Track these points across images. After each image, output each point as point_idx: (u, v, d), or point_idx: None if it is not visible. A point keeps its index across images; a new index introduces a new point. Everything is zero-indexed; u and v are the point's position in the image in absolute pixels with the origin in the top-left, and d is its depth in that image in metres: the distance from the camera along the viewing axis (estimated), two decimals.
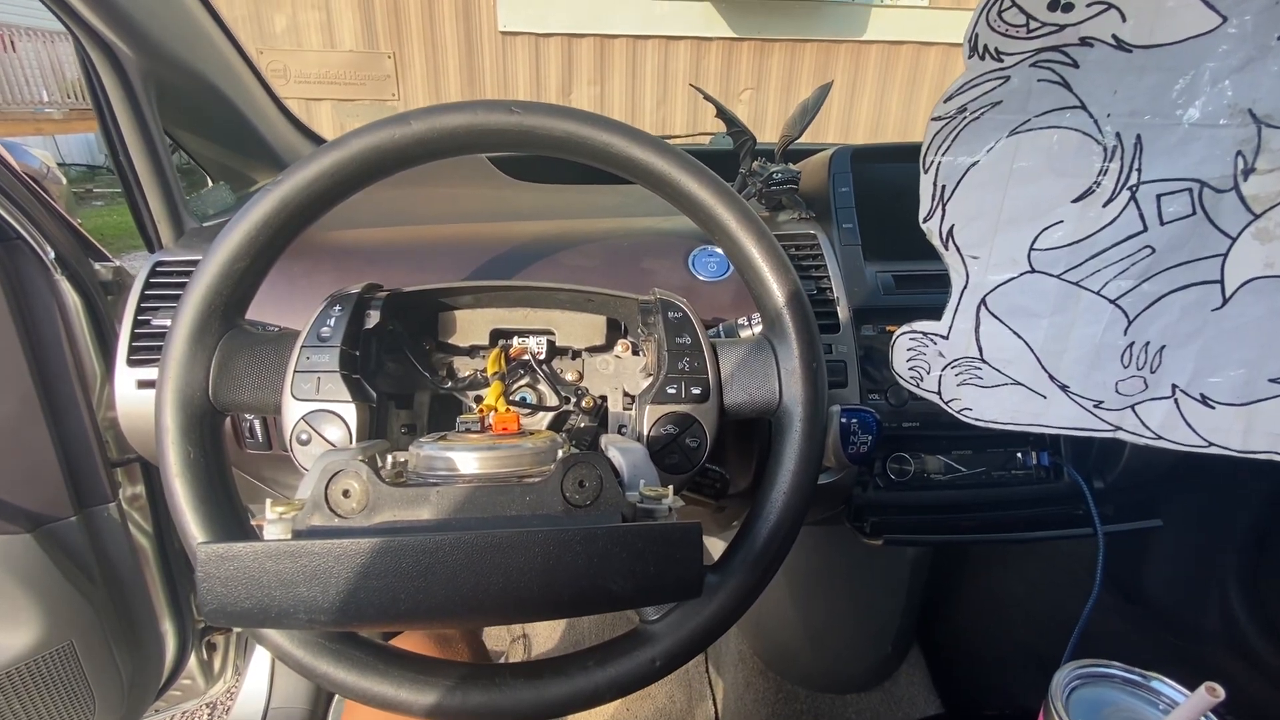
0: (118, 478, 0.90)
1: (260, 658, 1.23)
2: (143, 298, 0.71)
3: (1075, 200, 0.50)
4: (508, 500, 0.33)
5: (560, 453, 0.41)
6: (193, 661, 1.12)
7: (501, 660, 1.40)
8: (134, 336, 0.69)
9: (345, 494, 0.32)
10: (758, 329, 0.60)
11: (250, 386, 0.47)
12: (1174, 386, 0.54)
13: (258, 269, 0.48)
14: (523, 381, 0.60)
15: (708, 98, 0.87)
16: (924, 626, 1.28)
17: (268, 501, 0.33)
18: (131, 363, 0.69)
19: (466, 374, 0.61)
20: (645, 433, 0.48)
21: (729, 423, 0.51)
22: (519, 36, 3.28)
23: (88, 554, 0.90)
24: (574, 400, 0.60)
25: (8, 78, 6.55)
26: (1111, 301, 0.52)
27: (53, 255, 0.79)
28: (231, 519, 0.45)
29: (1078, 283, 0.52)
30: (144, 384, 0.68)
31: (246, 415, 0.69)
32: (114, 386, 0.70)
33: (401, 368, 0.58)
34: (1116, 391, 0.55)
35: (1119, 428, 0.56)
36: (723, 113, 0.86)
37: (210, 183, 1.04)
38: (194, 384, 0.45)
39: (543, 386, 0.61)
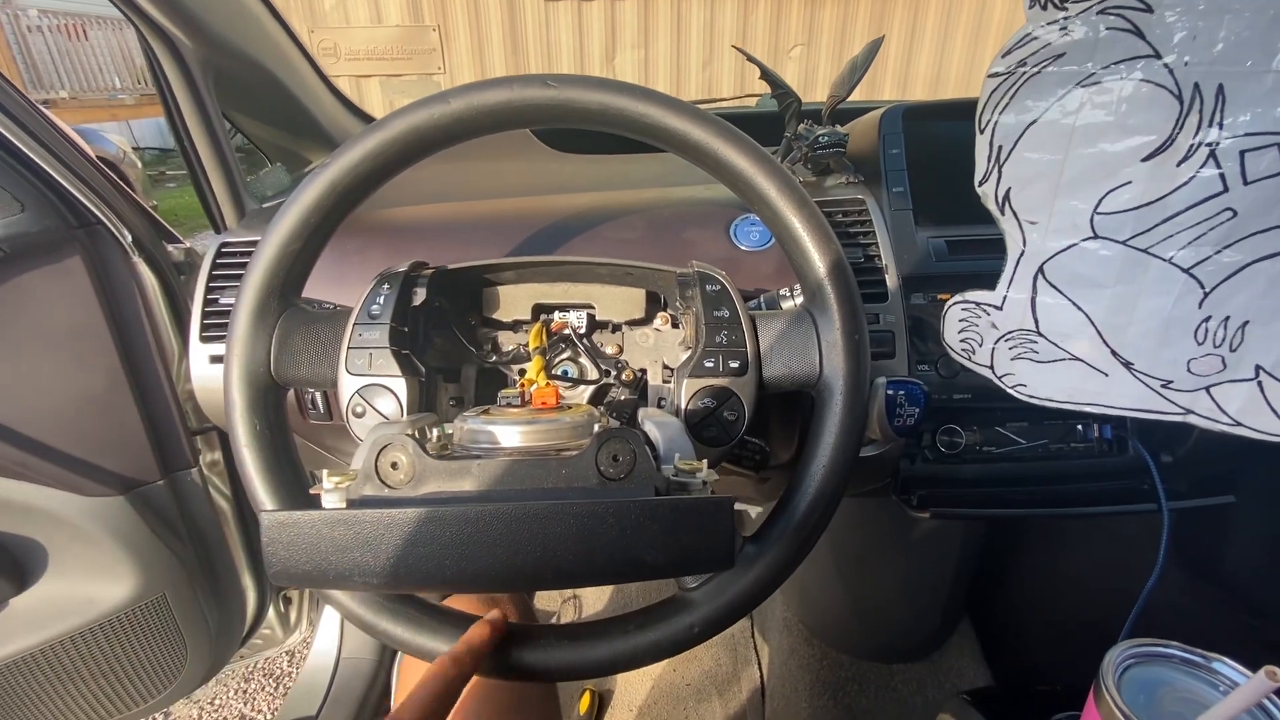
0: (198, 445, 0.97)
1: (332, 611, 1.32)
2: (210, 278, 0.75)
3: (1145, 159, 0.47)
4: (545, 473, 0.35)
5: (597, 426, 0.41)
6: (271, 614, 1.22)
7: (554, 619, 1.46)
8: (205, 314, 0.74)
9: (394, 466, 0.34)
10: (800, 300, 0.59)
11: (308, 363, 0.49)
12: (1258, 368, 0.50)
13: (311, 249, 0.50)
14: (564, 355, 0.62)
15: (751, 59, 0.84)
16: (975, 598, 1.26)
17: (324, 471, 0.36)
18: (204, 339, 0.73)
19: (510, 348, 0.62)
20: (683, 406, 0.48)
21: (770, 395, 0.51)
22: (561, 2, 3.23)
23: (175, 515, 0.97)
24: (614, 373, 0.61)
25: (82, 67, 6.91)
26: (1185, 271, 0.49)
27: (130, 238, 0.84)
28: (295, 485, 0.48)
29: (1146, 250, 0.49)
30: (215, 359, 0.73)
31: (307, 389, 0.73)
32: (189, 362, 0.74)
33: (448, 343, 0.60)
34: (1189, 371, 0.51)
35: (1190, 411, 0.52)
36: (767, 74, 0.83)
37: (269, 164, 1.08)
38: (257, 361, 0.48)
39: (583, 360, 0.62)
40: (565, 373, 0.61)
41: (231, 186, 0.86)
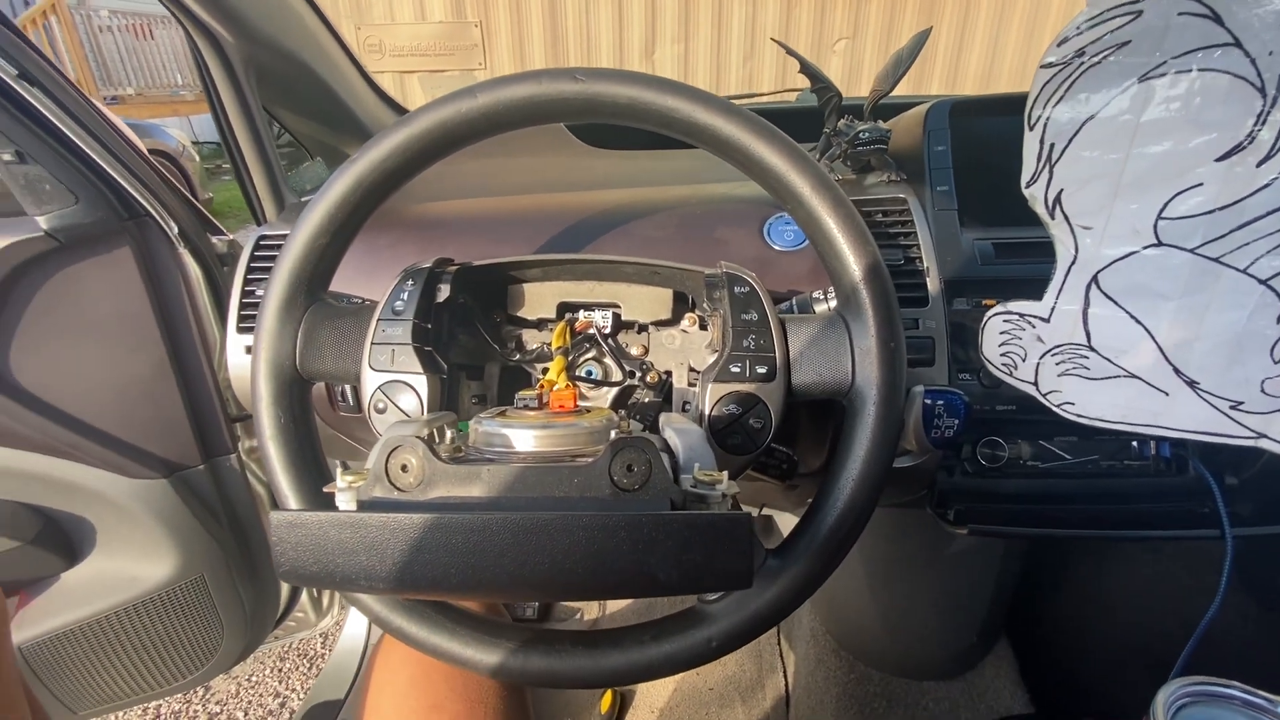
0: (237, 432, 1.00)
1: None
2: (248, 269, 0.77)
3: (1220, 158, 0.43)
4: (556, 481, 0.34)
5: (614, 432, 0.40)
6: (305, 597, 1.25)
7: (577, 616, 1.46)
8: (242, 306, 0.75)
9: (404, 468, 0.33)
10: (834, 303, 0.56)
11: (332, 357, 0.50)
12: None
13: (339, 244, 0.50)
14: (589, 355, 0.60)
15: (790, 52, 0.82)
16: (1015, 617, 1.20)
17: (338, 471, 0.35)
18: (240, 330, 0.75)
19: (534, 347, 0.61)
20: (707, 412, 0.47)
21: (800, 402, 0.49)
22: None
23: (214, 499, 1.01)
24: (639, 375, 0.60)
25: (148, 64, 7.24)
26: (1262, 282, 0.44)
27: (176, 230, 0.87)
28: (317, 479, 0.48)
29: (1218, 259, 0.45)
30: (251, 349, 0.74)
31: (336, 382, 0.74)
32: (226, 352, 0.76)
33: (473, 340, 0.60)
34: (1262, 391, 0.46)
35: (1262, 435, 0.48)
36: (806, 67, 0.80)
37: (310, 159, 1.11)
38: (283, 354, 0.49)
39: (608, 360, 0.61)
40: (589, 373, 0.60)
41: (271, 180, 0.88)
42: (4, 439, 0.87)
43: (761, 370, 0.47)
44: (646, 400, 0.59)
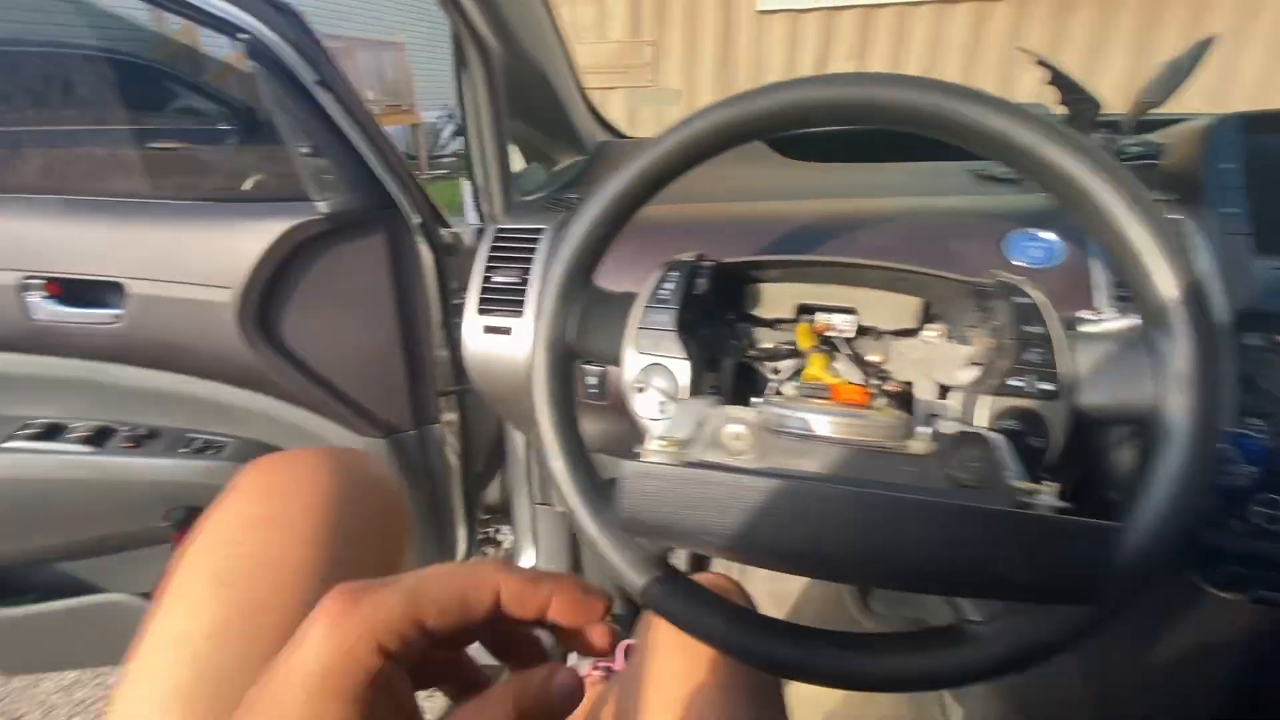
0: (440, 405, 1.10)
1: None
2: (489, 259, 0.84)
3: None
4: (889, 466, 0.33)
5: (918, 429, 0.39)
6: None
7: None
8: (482, 290, 0.83)
9: (737, 437, 0.35)
10: (1111, 324, 0.52)
11: (601, 338, 0.53)
12: None
13: (612, 234, 0.54)
14: None
15: (1042, 62, 0.77)
16: (1250, 714, 1.02)
17: (648, 436, 0.38)
18: (480, 311, 0.82)
19: (768, 345, 0.62)
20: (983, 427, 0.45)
21: (1083, 425, 0.45)
22: (777, 15, 3.23)
23: (419, 463, 1.11)
24: (878, 383, 0.59)
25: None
26: None
27: (418, 222, 0.98)
28: (579, 444, 0.52)
29: None
30: (490, 329, 0.82)
31: (587, 369, 0.78)
32: (464, 332, 0.84)
33: (712, 334, 0.62)
34: None
35: None
36: (1059, 78, 0.75)
37: (523, 162, 1.20)
38: (559, 332, 0.53)
39: (841, 364, 0.60)
40: None
41: (505, 181, 0.97)
42: (270, 389, 1.03)
43: (1046, 386, 0.44)
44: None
